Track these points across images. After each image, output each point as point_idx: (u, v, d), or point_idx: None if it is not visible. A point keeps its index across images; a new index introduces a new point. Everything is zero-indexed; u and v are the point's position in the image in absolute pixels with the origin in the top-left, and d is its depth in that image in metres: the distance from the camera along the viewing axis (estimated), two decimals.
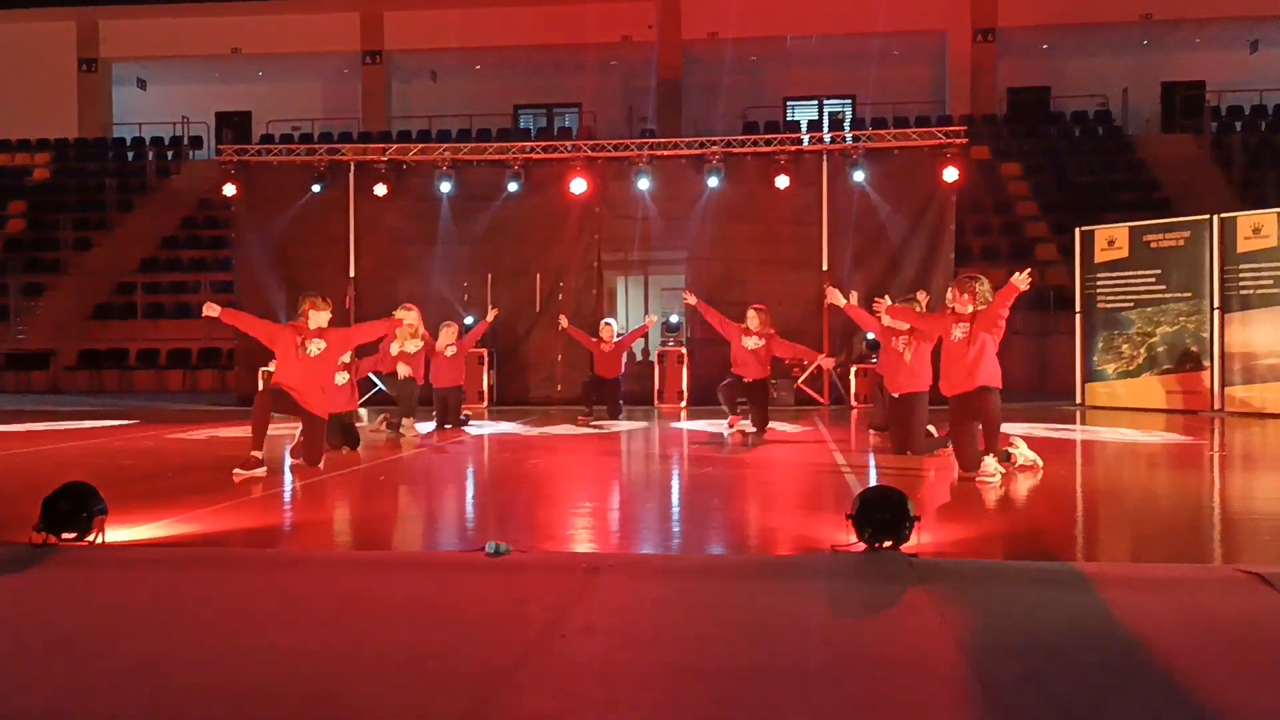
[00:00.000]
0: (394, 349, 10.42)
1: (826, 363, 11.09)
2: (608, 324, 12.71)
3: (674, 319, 14.97)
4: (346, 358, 8.48)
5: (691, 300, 11.19)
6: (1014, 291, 6.56)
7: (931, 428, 8.24)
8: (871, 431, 9.64)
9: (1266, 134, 22.97)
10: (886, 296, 7.94)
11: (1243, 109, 24.22)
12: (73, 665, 3.03)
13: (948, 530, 4.94)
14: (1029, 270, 6.60)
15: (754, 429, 10.20)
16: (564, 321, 12.40)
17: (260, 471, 6.99)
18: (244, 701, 2.75)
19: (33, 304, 20.68)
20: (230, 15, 26.30)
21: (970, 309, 6.85)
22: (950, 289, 7.08)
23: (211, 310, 7.50)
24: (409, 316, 9.32)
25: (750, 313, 10.47)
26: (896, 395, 8.21)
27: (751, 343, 10.34)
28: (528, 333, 14.65)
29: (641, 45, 25.58)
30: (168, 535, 4.89)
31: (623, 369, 12.53)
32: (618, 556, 4.38)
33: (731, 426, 10.17)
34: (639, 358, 16.57)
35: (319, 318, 7.56)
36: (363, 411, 12.20)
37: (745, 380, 10.35)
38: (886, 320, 8.26)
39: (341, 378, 8.64)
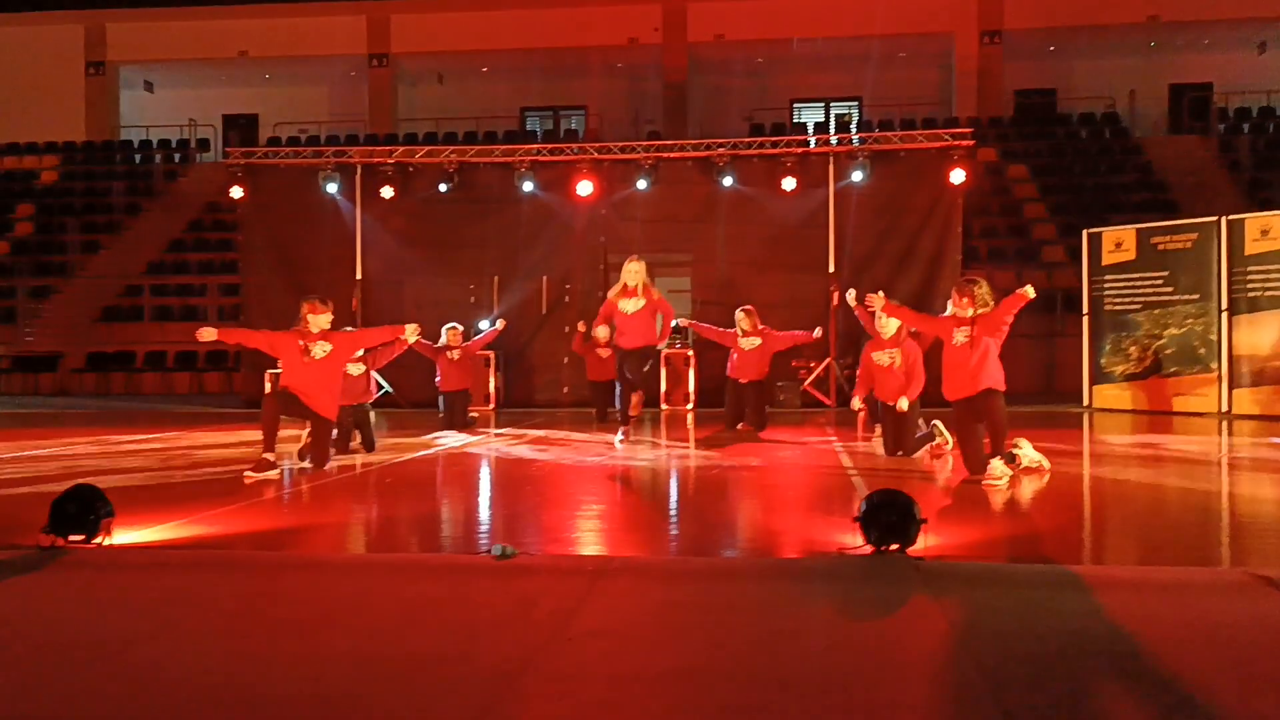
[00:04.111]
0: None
1: (817, 331, 10.96)
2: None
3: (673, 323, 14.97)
4: (359, 352, 8.51)
5: (682, 322, 11.24)
6: (1022, 300, 6.60)
7: (938, 423, 8.31)
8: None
9: (1274, 135, 22.90)
10: (882, 293, 7.90)
11: (1250, 110, 24.15)
12: (79, 668, 3.04)
13: (954, 533, 4.93)
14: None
15: (753, 428, 10.35)
16: (582, 327, 12.34)
17: (273, 474, 7.01)
18: (250, 706, 2.75)
19: (40, 306, 20.74)
20: (237, 18, 26.37)
21: (970, 312, 6.85)
22: (952, 292, 7.10)
23: (208, 334, 7.17)
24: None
25: (739, 314, 10.60)
26: (893, 403, 8.32)
27: (748, 343, 10.47)
28: (534, 335, 14.65)
29: (648, 48, 25.60)
30: (175, 538, 4.90)
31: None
32: (624, 559, 4.38)
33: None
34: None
35: (319, 320, 7.57)
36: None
37: (741, 382, 10.47)
38: (881, 319, 8.29)
39: (356, 369, 8.65)
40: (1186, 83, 25.54)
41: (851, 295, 9.06)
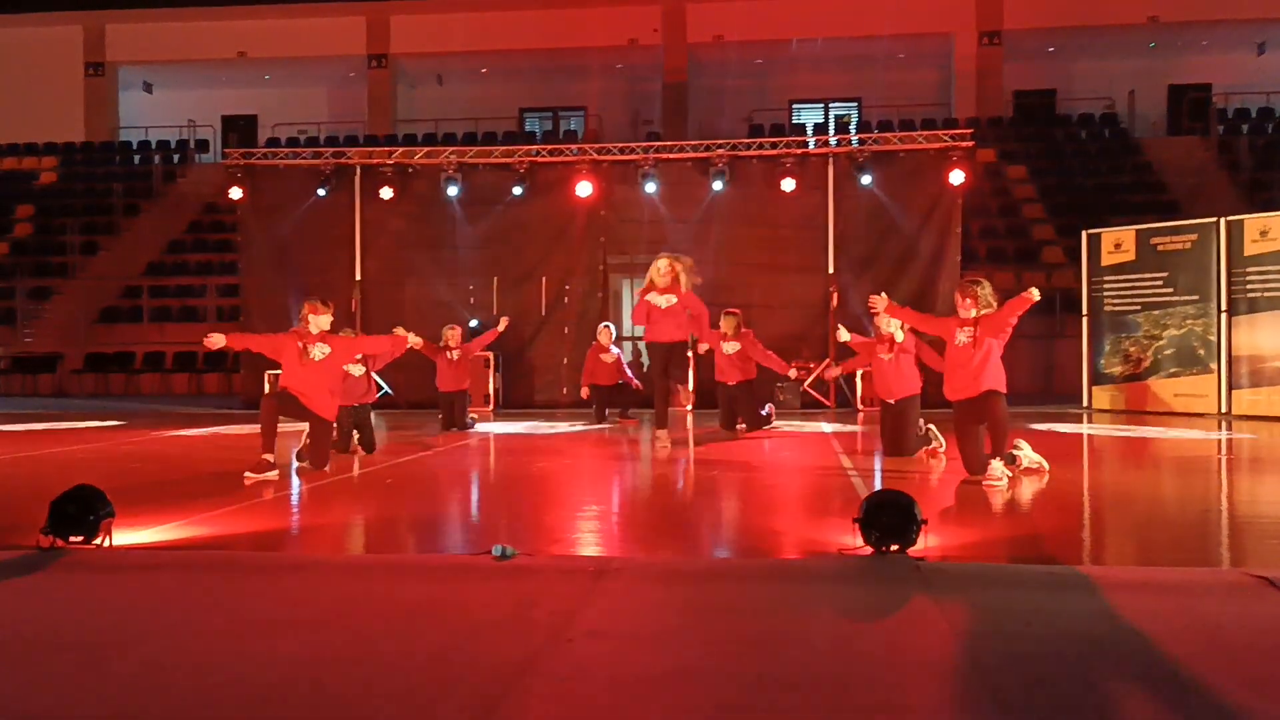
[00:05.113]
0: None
1: (792, 373, 11.07)
2: (606, 327, 12.69)
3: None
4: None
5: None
6: (1027, 303, 6.59)
7: (933, 427, 8.33)
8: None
9: (1274, 136, 22.91)
10: (885, 294, 7.88)
11: (1249, 111, 24.17)
12: (78, 669, 3.04)
13: (954, 534, 4.93)
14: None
15: (743, 426, 10.49)
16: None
17: (272, 475, 7.00)
18: (249, 706, 2.75)
19: (39, 307, 20.73)
20: (236, 19, 26.37)
21: (973, 313, 6.84)
22: (955, 293, 7.10)
23: (216, 341, 7.23)
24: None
25: (723, 316, 10.63)
26: (892, 401, 8.33)
27: (729, 347, 10.51)
28: (534, 336, 14.64)
29: (647, 49, 25.59)
30: (174, 539, 4.90)
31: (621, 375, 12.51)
32: (624, 560, 4.38)
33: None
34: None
35: (320, 321, 7.57)
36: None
37: (729, 384, 10.52)
38: (882, 318, 8.30)
39: (357, 370, 8.65)
40: (1186, 83, 25.54)
41: (845, 334, 8.96)
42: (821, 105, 27.55)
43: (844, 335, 8.97)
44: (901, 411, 8.25)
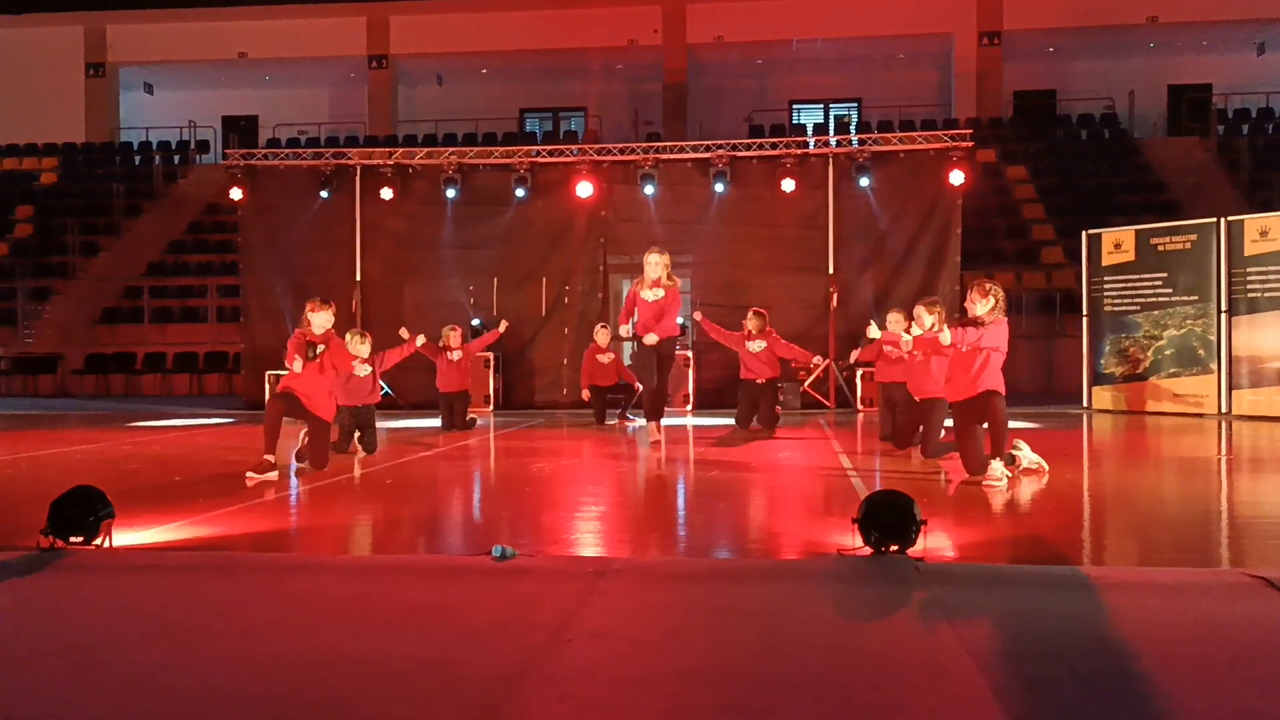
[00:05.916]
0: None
1: (822, 362, 11.19)
2: (603, 327, 12.69)
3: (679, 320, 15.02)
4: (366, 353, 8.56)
5: (696, 316, 11.33)
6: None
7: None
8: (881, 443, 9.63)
9: (1273, 136, 22.92)
10: (873, 326, 7.76)
11: (1249, 111, 24.17)
12: (79, 670, 3.04)
13: (954, 534, 4.93)
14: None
15: (763, 427, 10.65)
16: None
17: (273, 475, 7.02)
18: (249, 707, 2.75)
19: (40, 308, 20.74)
20: (237, 20, 26.38)
21: (990, 316, 6.82)
22: (970, 291, 7.05)
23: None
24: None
25: (750, 315, 10.79)
26: (919, 400, 8.26)
27: (756, 346, 10.64)
28: (534, 337, 14.63)
29: (647, 49, 25.61)
30: (175, 540, 4.90)
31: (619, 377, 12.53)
32: (624, 561, 4.38)
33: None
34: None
35: (320, 319, 7.59)
36: None
37: (758, 382, 10.63)
38: (890, 330, 8.30)
39: (363, 370, 8.65)
40: (1185, 84, 25.56)
41: (875, 331, 8.64)
42: (821, 105, 27.56)
43: (874, 333, 8.55)
44: (928, 411, 8.19)
